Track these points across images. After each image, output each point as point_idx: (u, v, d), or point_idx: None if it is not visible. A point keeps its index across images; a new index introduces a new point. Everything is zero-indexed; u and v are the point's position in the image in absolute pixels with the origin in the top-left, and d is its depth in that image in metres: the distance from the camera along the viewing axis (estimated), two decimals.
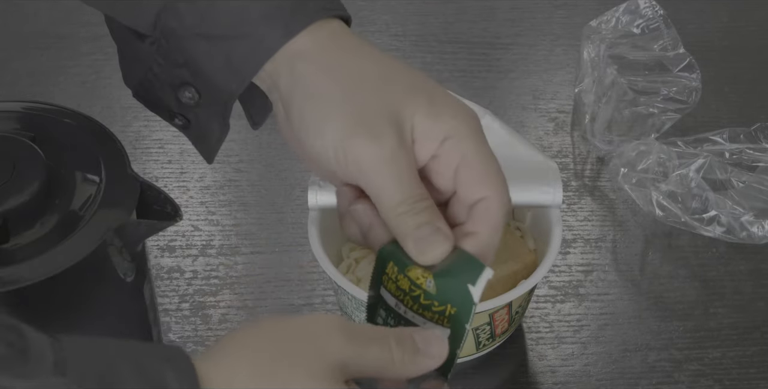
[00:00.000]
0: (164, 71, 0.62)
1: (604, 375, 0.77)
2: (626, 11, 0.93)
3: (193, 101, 0.63)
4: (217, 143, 0.66)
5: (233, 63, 0.60)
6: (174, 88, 0.63)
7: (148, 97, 0.65)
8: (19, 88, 0.96)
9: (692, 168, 0.83)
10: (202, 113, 0.64)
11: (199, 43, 0.60)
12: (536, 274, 0.71)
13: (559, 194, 0.72)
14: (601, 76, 0.90)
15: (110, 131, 0.77)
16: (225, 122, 0.64)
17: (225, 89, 0.62)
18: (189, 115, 0.64)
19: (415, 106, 0.58)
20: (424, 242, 0.57)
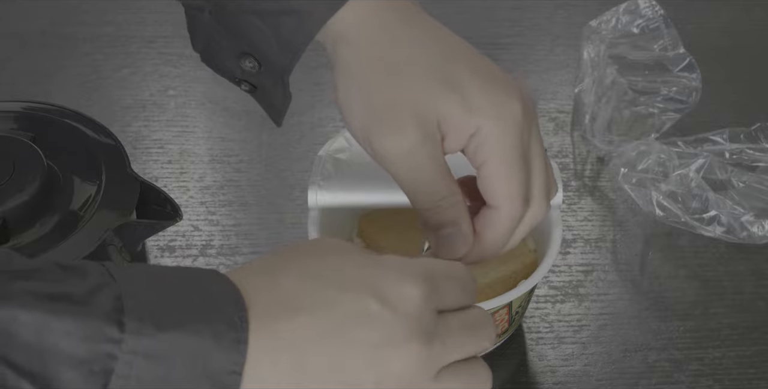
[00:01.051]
0: (225, 40, 0.63)
1: (604, 375, 0.77)
2: (626, 11, 0.93)
3: (255, 69, 0.64)
4: (283, 108, 0.66)
5: (283, 37, 0.61)
6: (236, 56, 0.64)
7: (214, 63, 0.66)
8: (19, 88, 0.96)
9: (692, 168, 0.83)
10: (265, 80, 0.65)
11: (249, 18, 0.61)
12: (536, 274, 0.71)
13: (559, 194, 0.72)
14: (601, 76, 0.90)
15: (110, 131, 0.77)
16: (286, 91, 0.64)
17: (278, 63, 0.62)
18: (253, 81, 0.65)
19: (446, 101, 0.57)
20: (444, 242, 0.58)
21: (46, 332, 0.44)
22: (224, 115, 0.95)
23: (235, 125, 0.94)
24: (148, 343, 0.44)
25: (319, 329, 0.48)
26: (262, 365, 0.46)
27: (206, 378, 0.45)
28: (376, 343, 0.48)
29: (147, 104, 0.96)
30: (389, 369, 0.48)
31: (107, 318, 0.44)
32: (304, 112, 0.95)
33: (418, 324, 0.48)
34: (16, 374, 0.43)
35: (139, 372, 0.44)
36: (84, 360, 0.44)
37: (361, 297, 0.48)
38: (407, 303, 0.48)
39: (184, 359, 0.45)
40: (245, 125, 0.94)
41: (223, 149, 0.92)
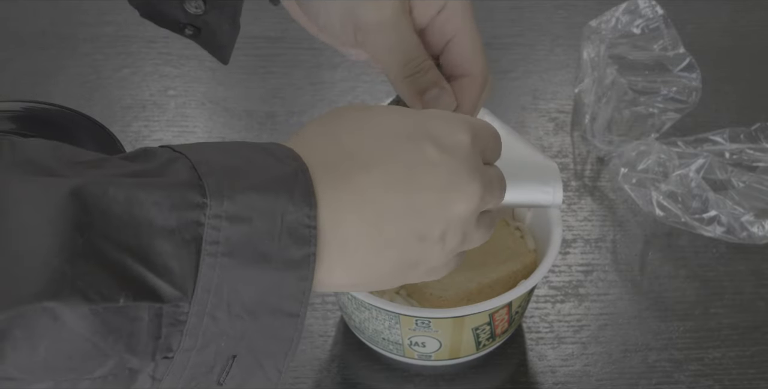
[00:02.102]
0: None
1: (604, 375, 0.77)
2: (626, 11, 0.93)
3: (200, 9, 0.65)
4: (230, 43, 0.67)
5: None
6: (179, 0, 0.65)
7: (155, 13, 0.67)
8: (19, 88, 0.96)
9: (692, 168, 0.83)
10: (211, 18, 0.66)
11: None
12: (536, 274, 0.71)
13: (559, 194, 0.72)
14: (601, 76, 0.90)
15: (110, 131, 0.77)
16: (235, 21, 0.66)
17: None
18: (198, 23, 0.66)
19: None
20: (433, 103, 0.61)
21: (137, 205, 0.45)
22: (224, 115, 0.95)
23: (235, 125, 0.94)
24: (229, 205, 0.46)
25: (385, 179, 0.50)
26: (335, 216, 0.49)
27: (287, 233, 0.47)
28: (443, 187, 0.51)
29: (147, 104, 0.96)
30: (455, 212, 0.51)
31: (187, 184, 0.46)
32: (304, 112, 0.95)
33: (475, 165, 0.52)
34: (117, 248, 0.44)
35: (226, 234, 0.46)
36: (174, 229, 0.45)
37: (419, 144, 0.51)
38: (461, 148, 0.52)
39: (264, 217, 0.46)
40: (245, 125, 0.94)
41: None
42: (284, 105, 0.95)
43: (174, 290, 0.45)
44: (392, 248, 0.51)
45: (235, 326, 0.47)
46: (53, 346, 0.43)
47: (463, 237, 0.53)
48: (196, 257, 0.45)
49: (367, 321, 0.73)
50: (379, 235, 0.50)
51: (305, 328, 0.49)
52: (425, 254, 0.52)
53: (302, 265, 0.47)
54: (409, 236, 0.51)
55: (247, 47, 0.98)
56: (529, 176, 0.71)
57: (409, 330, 0.71)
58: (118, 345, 0.44)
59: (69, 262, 0.43)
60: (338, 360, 0.78)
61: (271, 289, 0.47)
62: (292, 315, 0.48)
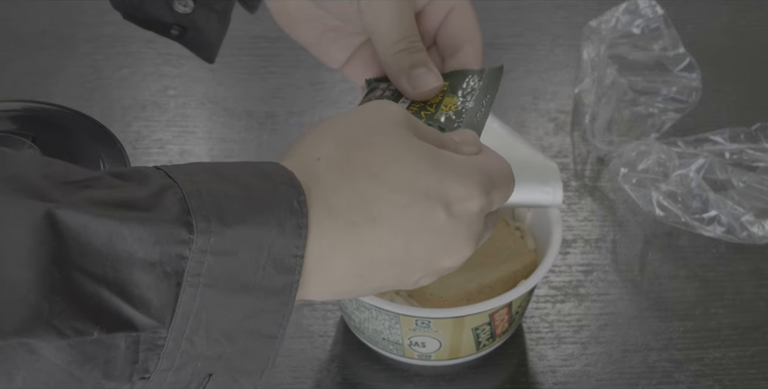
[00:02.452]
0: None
1: (604, 375, 0.77)
2: (626, 11, 0.93)
3: (188, 8, 0.65)
4: (217, 41, 0.67)
5: None
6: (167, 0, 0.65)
7: (140, 16, 0.66)
8: (19, 88, 0.96)
9: (692, 168, 0.83)
10: (199, 16, 0.66)
11: None
12: (536, 274, 0.71)
13: (559, 194, 0.72)
14: (601, 77, 0.90)
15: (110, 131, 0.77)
16: (226, 16, 0.66)
17: None
18: (184, 22, 0.66)
19: None
20: (420, 79, 0.63)
21: (118, 239, 0.44)
22: (224, 115, 0.95)
23: (235, 125, 0.94)
24: (216, 240, 0.46)
25: (386, 236, 0.50)
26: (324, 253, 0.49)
27: (272, 264, 0.47)
28: (438, 248, 0.52)
29: (147, 104, 0.96)
30: (439, 266, 0.53)
31: (176, 221, 0.45)
32: (304, 112, 0.95)
33: (475, 233, 0.53)
34: (93, 281, 0.44)
35: (210, 267, 0.46)
36: (156, 262, 0.45)
37: (431, 207, 0.51)
38: (469, 215, 0.52)
39: (250, 249, 0.46)
40: (245, 126, 0.94)
41: (223, 150, 0.92)
42: (284, 105, 0.95)
43: (150, 320, 0.45)
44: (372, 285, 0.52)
45: (213, 349, 0.47)
46: (30, 376, 0.43)
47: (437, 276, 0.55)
48: (176, 289, 0.45)
49: (367, 321, 0.73)
50: (363, 280, 0.51)
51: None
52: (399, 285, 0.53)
53: (283, 292, 0.48)
54: (390, 279, 0.52)
55: (247, 47, 0.98)
56: (529, 176, 0.71)
57: (409, 330, 0.71)
58: (95, 372, 0.44)
59: (46, 299, 0.43)
60: (338, 360, 0.78)
61: (251, 315, 0.47)
62: (270, 336, 0.48)
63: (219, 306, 0.46)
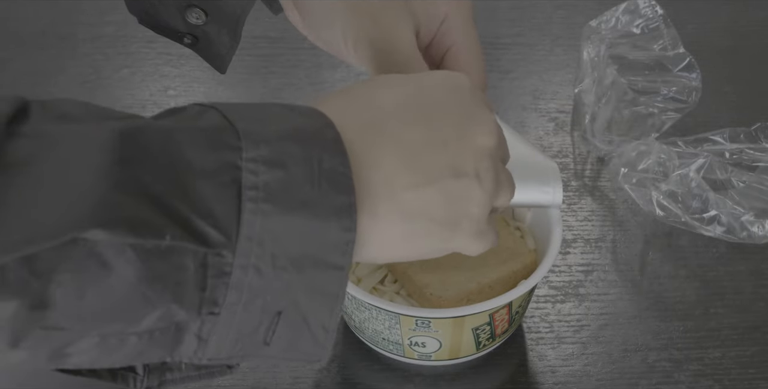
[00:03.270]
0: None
1: (604, 375, 0.77)
2: (626, 11, 0.93)
3: (201, 20, 0.65)
4: (228, 54, 0.67)
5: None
6: (180, 10, 0.64)
7: (154, 22, 0.66)
8: (19, 89, 0.96)
9: (692, 168, 0.83)
10: (211, 29, 0.66)
11: None
12: (536, 274, 0.71)
13: (559, 194, 0.72)
14: (601, 76, 0.90)
15: None
16: (236, 35, 0.65)
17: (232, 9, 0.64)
18: (197, 32, 0.66)
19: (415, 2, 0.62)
20: None
21: (175, 145, 0.44)
22: None
23: None
24: (263, 149, 0.45)
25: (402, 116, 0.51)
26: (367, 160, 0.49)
27: (326, 180, 0.46)
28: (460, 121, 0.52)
29: (147, 104, 0.96)
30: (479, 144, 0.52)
31: (222, 128, 0.45)
32: None
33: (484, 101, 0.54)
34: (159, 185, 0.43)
35: (265, 179, 0.45)
36: (214, 171, 0.44)
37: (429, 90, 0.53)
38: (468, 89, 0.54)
39: (300, 163, 0.46)
40: None
41: None
42: None
43: (218, 234, 0.44)
44: (431, 184, 0.50)
45: (280, 279, 0.46)
46: (101, 293, 0.42)
47: (495, 177, 0.53)
48: (237, 202, 0.44)
49: (367, 321, 0.73)
50: (414, 170, 0.50)
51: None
52: (467, 191, 0.51)
53: (344, 213, 0.46)
54: (443, 170, 0.51)
55: (247, 47, 0.98)
56: (529, 176, 0.71)
57: (409, 330, 0.71)
58: (165, 294, 0.43)
59: (114, 190, 0.42)
60: (338, 360, 0.78)
61: (315, 239, 0.46)
62: (336, 267, 0.47)
63: (282, 227, 0.45)
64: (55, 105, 0.45)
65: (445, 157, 0.51)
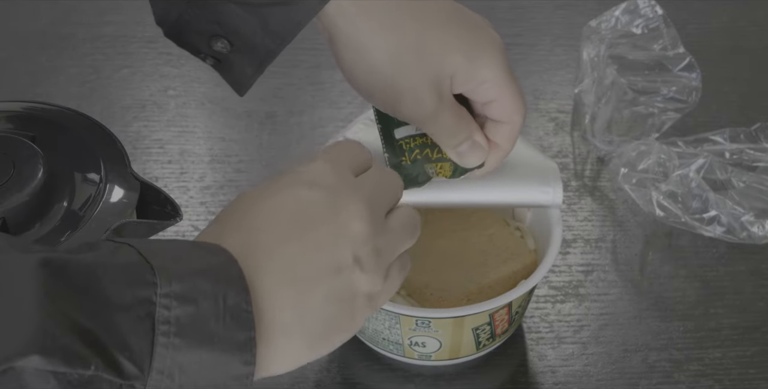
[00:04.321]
0: (198, 22, 0.64)
1: (604, 375, 0.77)
2: (626, 11, 0.93)
3: (225, 50, 0.65)
4: (249, 82, 0.68)
5: (270, 26, 0.63)
6: (206, 37, 0.65)
7: (180, 39, 0.67)
8: (19, 88, 0.96)
9: (692, 168, 0.83)
10: (235, 58, 0.66)
11: (231, 7, 0.62)
12: (536, 274, 0.71)
13: (559, 194, 0.72)
14: (601, 77, 0.90)
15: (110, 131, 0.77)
16: (261, 68, 0.66)
17: (263, 48, 0.64)
18: (220, 57, 0.66)
19: (453, 67, 0.64)
20: (465, 155, 0.68)
21: (95, 281, 0.47)
22: (224, 115, 0.95)
23: (235, 125, 0.94)
24: (176, 285, 0.48)
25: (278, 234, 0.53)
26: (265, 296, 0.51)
27: (230, 316, 0.49)
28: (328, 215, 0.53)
29: (147, 104, 0.96)
30: (353, 231, 0.53)
31: (139, 264, 0.48)
32: (304, 112, 0.95)
33: (344, 184, 0.55)
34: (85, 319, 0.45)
35: (176, 314, 0.48)
36: (130, 305, 0.47)
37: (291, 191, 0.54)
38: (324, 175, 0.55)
39: (208, 298, 0.48)
40: (245, 126, 0.94)
41: (223, 149, 0.92)
42: (284, 105, 0.95)
43: (133, 366, 0.46)
44: (318, 290, 0.53)
45: None
46: None
47: (377, 253, 0.54)
48: (151, 335, 0.47)
49: (367, 321, 0.73)
50: (295, 285, 0.52)
51: None
52: (350, 283, 0.54)
53: (245, 348, 0.49)
54: (321, 272, 0.53)
55: None
56: (529, 176, 0.71)
57: (409, 330, 0.71)
58: None
59: (48, 322, 0.44)
60: (338, 360, 0.78)
61: (219, 372, 0.49)
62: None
63: (190, 359, 0.48)
64: None
65: (321, 259, 0.53)
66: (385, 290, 0.56)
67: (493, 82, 0.65)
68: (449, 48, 0.64)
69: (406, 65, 0.63)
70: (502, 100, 0.66)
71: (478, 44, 0.64)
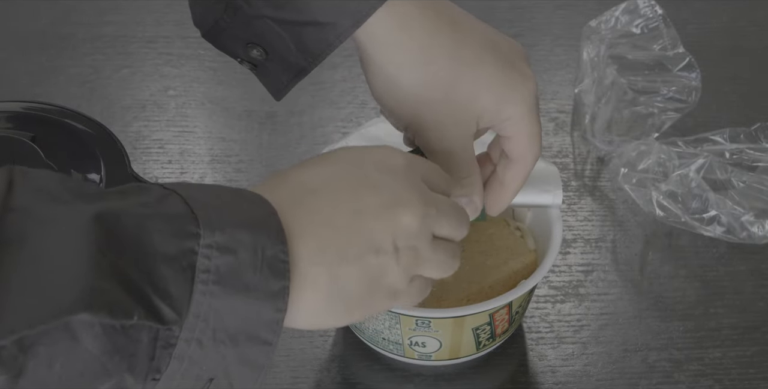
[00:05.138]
0: (236, 31, 0.65)
1: (604, 375, 0.77)
2: (625, 11, 0.93)
3: (261, 57, 0.66)
4: (287, 88, 0.69)
5: (303, 44, 0.63)
6: (243, 43, 0.66)
7: (217, 42, 0.67)
8: (19, 88, 0.96)
9: (692, 168, 0.83)
10: (271, 66, 0.67)
11: (266, 22, 0.63)
12: (536, 274, 0.71)
13: (559, 194, 0.72)
14: (601, 77, 0.90)
15: (110, 131, 0.77)
16: (295, 80, 0.67)
17: (296, 64, 0.65)
18: (256, 63, 0.67)
19: (481, 107, 0.64)
20: None
21: (144, 232, 0.49)
22: (224, 115, 0.95)
23: (235, 125, 0.94)
24: (219, 236, 0.50)
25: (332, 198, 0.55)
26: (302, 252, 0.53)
27: (267, 266, 0.51)
28: (385, 202, 0.55)
29: (147, 104, 0.96)
30: (401, 224, 0.55)
31: (184, 216, 0.50)
32: (304, 112, 0.95)
33: (413, 183, 0.57)
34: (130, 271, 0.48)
35: (216, 264, 0.50)
36: (174, 256, 0.49)
37: (362, 168, 0.57)
38: (398, 169, 0.57)
39: (247, 249, 0.51)
40: (245, 125, 0.94)
41: (223, 149, 0.92)
42: (284, 105, 0.95)
43: (172, 313, 0.49)
44: (352, 260, 0.55)
45: (217, 351, 0.51)
46: (68, 364, 0.47)
47: (415, 253, 0.56)
48: (190, 284, 0.49)
49: (367, 321, 0.73)
50: (338, 250, 0.54)
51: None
52: (382, 268, 0.55)
53: (278, 296, 0.51)
54: (364, 249, 0.55)
55: None
56: (530, 177, 0.71)
57: (409, 330, 0.71)
58: (122, 364, 0.48)
59: (98, 279, 0.47)
60: (338, 360, 0.78)
61: (251, 317, 0.51)
62: (266, 342, 0.52)
63: (225, 307, 0.50)
64: (33, 177, 0.49)
65: (365, 234, 0.55)
66: (406, 292, 0.57)
67: (514, 120, 0.65)
68: (480, 88, 0.64)
69: (435, 101, 0.64)
70: (519, 138, 0.66)
71: (509, 84, 0.64)
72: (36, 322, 0.45)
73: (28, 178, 0.49)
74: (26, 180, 0.49)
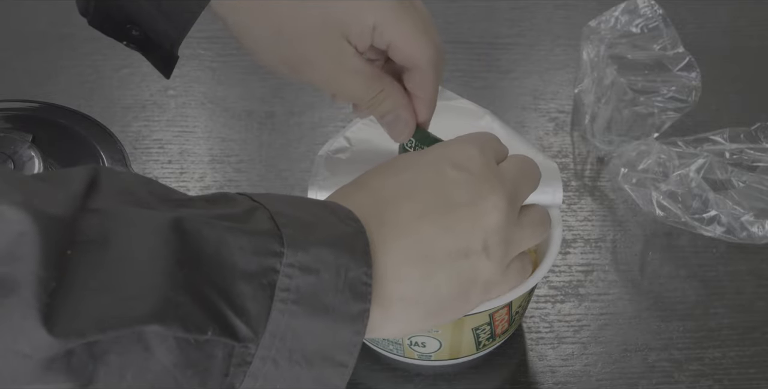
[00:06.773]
0: (107, 10, 0.65)
1: (604, 375, 0.77)
2: (625, 11, 0.93)
3: (141, 36, 0.66)
4: (170, 65, 0.68)
5: (167, 14, 0.63)
6: (122, 25, 0.66)
7: (103, 28, 0.67)
8: (19, 88, 0.96)
9: (692, 168, 0.83)
10: (150, 44, 0.67)
11: None
12: (536, 274, 0.71)
13: (559, 194, 0.72)
14: (600, 77, 0.90)
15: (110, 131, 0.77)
16: (173, 56, 0.67)
17: (166, 34, 0.65)
18: (140, 43, 0.67)
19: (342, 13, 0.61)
20: (389, 127, 0.66)
21: (224, 247, 0.48)
22: (224, 115, 0.95)
23: (235, 125, 0.94)
24: (302, 256, 0.49)
25: (415, 208, 0.55)
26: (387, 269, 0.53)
27: (348, 288, 0.50)
28: (470, 201, 0.55)
29: (147, 104, 0.96)
30: (489, 222, 0.55)
31: (268, 233, 0.49)
32: (304, 112, 0.95)
33: (491, 173, 0.57)
34: (208, 285, 0.47)
35: (297, 283, 0.49)
36: (254, 273, 0.48)
37: (439, 167, 0.56)
38: (475, 161, 0.57)
39: (330, 270, 0.50)
40: (245, 125, 0.94)
41: (223, 149, 0.92)
42: (284, 105, 0.95)
43: (248, 330, 0.48)
44: (441, 270, 0.54)
45: (293, 371, 0.50)
46: (139, 375, 0.46)
47: (506, 244, 0.56)
48: (269, 302, 0.48)
49: None
50: (424, 261, 0.54)
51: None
52: (474, 268, 0.55)
53: (358, 319, 0.51)
54: (453, 254, 0.54)
55: None
56: None
57: None
58: (195, 378, 0.47)
59: (173, 291, 0.46)
60: None
61: (328, 339, 0.50)
62: (342, 364, 0.51)
63: (303, 327, 0.49)
64: (118, 178, 0.48)
65: (453, 241, 0.55)
66: (503, 281, 0.57)
67: (384, 25, 0.62)
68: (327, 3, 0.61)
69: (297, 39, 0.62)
70: (396, 43, 0.62)
71: None
72: (106, 327, 0.44)
73: (113, 179, 0.48)
74: (111, 181, 0.48)
